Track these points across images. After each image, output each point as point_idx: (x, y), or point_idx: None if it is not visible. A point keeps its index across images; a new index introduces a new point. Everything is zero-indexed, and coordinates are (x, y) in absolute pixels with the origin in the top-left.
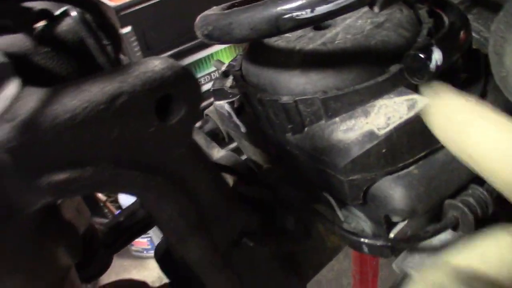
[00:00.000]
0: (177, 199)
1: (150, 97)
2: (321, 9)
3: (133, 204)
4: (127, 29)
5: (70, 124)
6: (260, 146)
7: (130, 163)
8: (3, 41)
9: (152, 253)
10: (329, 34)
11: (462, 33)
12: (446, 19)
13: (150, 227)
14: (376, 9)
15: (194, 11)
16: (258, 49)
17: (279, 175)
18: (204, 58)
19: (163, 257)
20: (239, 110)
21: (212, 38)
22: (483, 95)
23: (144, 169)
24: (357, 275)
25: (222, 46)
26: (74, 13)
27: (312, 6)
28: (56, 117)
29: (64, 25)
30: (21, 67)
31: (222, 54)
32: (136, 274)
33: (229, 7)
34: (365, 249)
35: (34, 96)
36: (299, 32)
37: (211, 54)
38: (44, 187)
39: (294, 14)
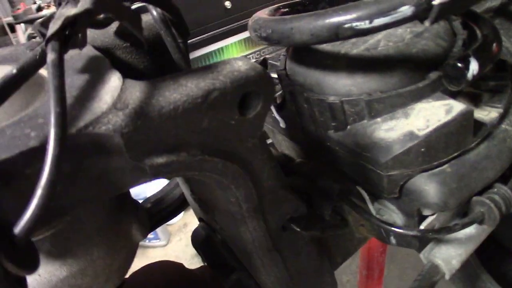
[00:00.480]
0: (246, 184)
1: (236, 94)
2: (378, 21)
3: (159, 192)
4: None
5: (173, 114)
6: (297, 141)
7: (213, 151)
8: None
9: (154, 242)
10: (371, 40)
11: (494, 46)
12: (478, 32)
13: (175, 215)
14: (427, 23)
15: (205, 5)
16: (304, 51)
17: (317, 168)
18: (215, 51)
19: (202, 243)
20: (280, 107)
21: (269, 40)
22: (509, 103)
23: (224, 157)
24: (364, 271)
25: (232, 40)
26: (154, 12)
27: (371, 18)
28: (162, 107)
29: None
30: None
31: (232, 48)
32: (137, 262)
33: (275, 11)
34: (393, 240)
35: (137, 88)
36: None
37: (222, 48)
38: (146, 168)
39: (354, 24)
